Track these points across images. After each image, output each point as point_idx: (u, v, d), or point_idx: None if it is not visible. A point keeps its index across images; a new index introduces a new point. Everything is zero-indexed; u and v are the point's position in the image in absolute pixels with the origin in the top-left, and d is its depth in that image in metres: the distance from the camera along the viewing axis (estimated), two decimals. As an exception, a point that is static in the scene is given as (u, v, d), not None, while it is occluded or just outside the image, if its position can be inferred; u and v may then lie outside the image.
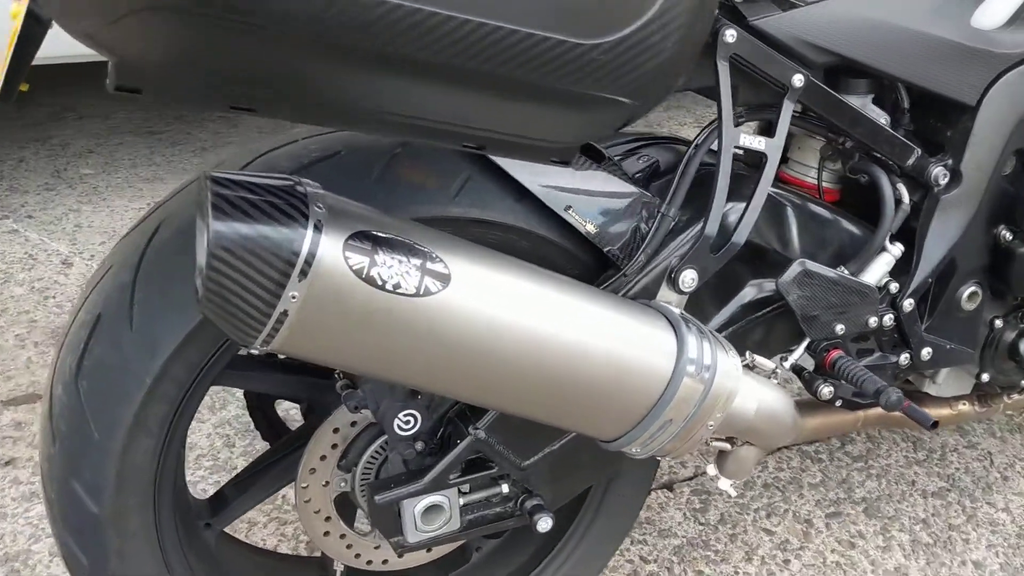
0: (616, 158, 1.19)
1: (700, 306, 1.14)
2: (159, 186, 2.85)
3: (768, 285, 1.16)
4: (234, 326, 0.79)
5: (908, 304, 1.21)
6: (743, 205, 1.06)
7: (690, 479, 1.74)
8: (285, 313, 0.78)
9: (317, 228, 0.77)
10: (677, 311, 0.99)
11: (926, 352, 1.26)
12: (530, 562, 1.32)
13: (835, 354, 1.18)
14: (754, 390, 1.03)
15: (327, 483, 1.13)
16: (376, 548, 1.19)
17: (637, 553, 1.58)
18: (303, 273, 0.77)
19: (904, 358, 1.25)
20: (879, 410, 1.38)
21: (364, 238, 0.79)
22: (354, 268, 0.78)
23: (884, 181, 1.17)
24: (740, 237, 1.05)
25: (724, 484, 1.25)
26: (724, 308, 1.16)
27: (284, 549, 1.52)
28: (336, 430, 1.10)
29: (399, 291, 0.80)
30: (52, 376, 1.02)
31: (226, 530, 1.21)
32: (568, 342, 0.89)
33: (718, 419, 0.98)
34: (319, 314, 0.79)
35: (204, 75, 0.71)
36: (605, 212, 1.09)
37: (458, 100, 0.75)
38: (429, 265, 0.82)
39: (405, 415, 1.05)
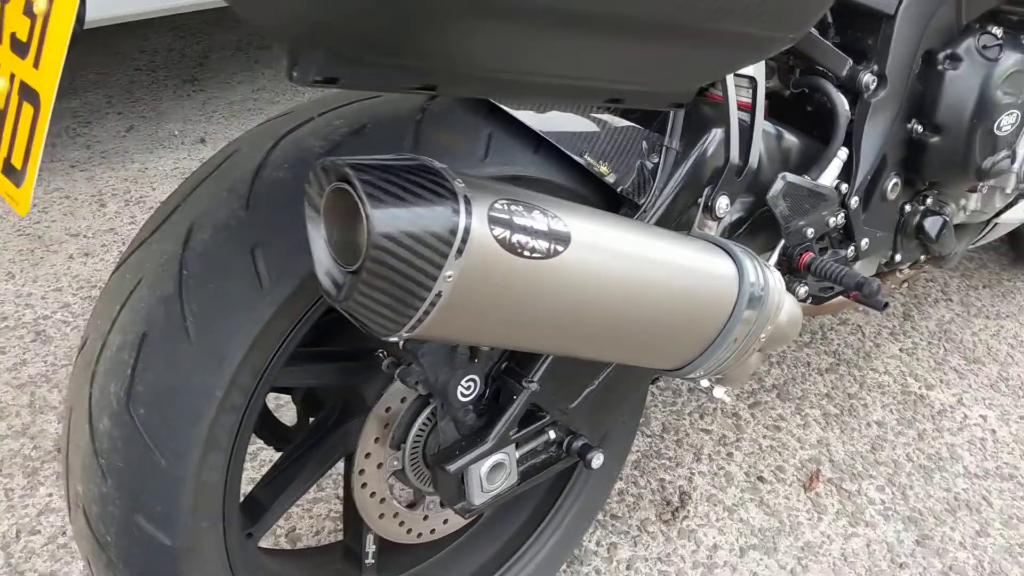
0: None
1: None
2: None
3: (742, 202, 1.24)
4: (382, 317, 0.75)
5: (854, 201, 1.34)
6: (747, 130, 1.12)
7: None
8: (439, 295, 0.75)
9: (467, 203, 0.75)
10: (726, 240, 1.05)
11: (864, 243, 1.40)
12: (542, 505, 1.35)
13: (808, 256, 1.28)
14: (787, 300, 1.10)
15: (380, 464, 1.09)
16: (424, 519, 1.18)
17: (603, 476, 1.65)
18: (459, 251, 0.74)
19: (851, 251, 1.38)
20: (827, 303, 1.54)
21: (501, 208, 0.78)
22: (498, 238, 0.77)
23: (832, 90, 1.28)
24: (754, 160, 1.11)
25: (719, 393, 1.33)
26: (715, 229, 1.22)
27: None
28: (388, 409, 1.07)
29: (534, 255, 0.80)
30: (88, 409, 0.92)
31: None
32: (660, 281, 0.92)
33: (768, 332, 1.05)
34: (469, 291, 0.77)
35: (397, 62, 0.66)
36: (614, 153, 1.11)
37: (622, 53, 0.75)
38: (552, 226, 0.81)
39: (467, 381, 1.04)
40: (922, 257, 1.59)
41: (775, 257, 1.28)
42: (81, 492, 0.93)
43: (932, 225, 1.49)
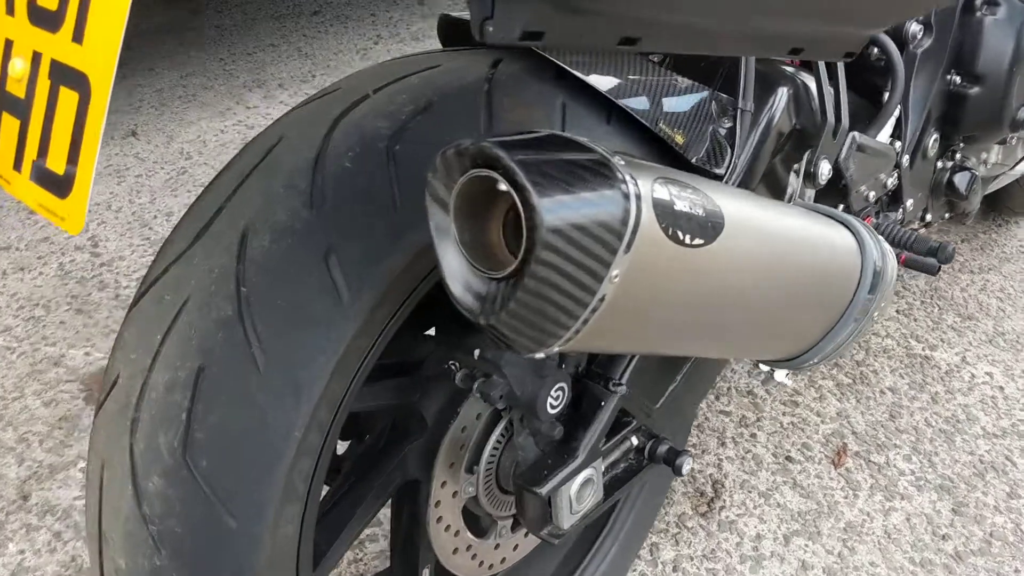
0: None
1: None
2: None
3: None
4: (537, 330, 0.61)
5: (906, 160, 1.25)
6: (831, 86, 1.01)
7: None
8: (602, 299, 0.62)
9: (636, 185, 0.61)
10: (846, 214, 0.93)
11: (910, 204, 1.32)
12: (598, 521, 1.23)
13: (871, 221, 1.19)
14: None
15: (455, 493, 0.95)
16: (496, 548, 1.04)
17: (631, 471, 1.54)
18: (628, 245, 0.61)
19: (899, 213, 1.30)
20: None
21: (661, 190, 0.64)
22: (663, 227, 0.64)
23: (887, 41, 1.18)
24: (845, 120, 1.00)
25: (780, 376, 1.23)
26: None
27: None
28: (463, 429, 0.93)
29: (695, 243, 0.67)
30: (131, 466, 0.75)
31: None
32: (798, 262, 0.80)
33: (882, 308, 0.95)
34: (632, 291, 0.63)
35: (605, 10, 0.52)
36: (685, 119, 0.99)
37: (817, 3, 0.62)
38: (707, 206, 0.69)
39: (556, 390, 0.90)
40: (947, 215, 1.53)
41: (838, 224, 1.18)
42: (124, 567, 0.76)
43: (961, 181, 1.43)
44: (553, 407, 0.91)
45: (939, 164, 1.42)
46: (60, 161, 0.59)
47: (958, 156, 1.44)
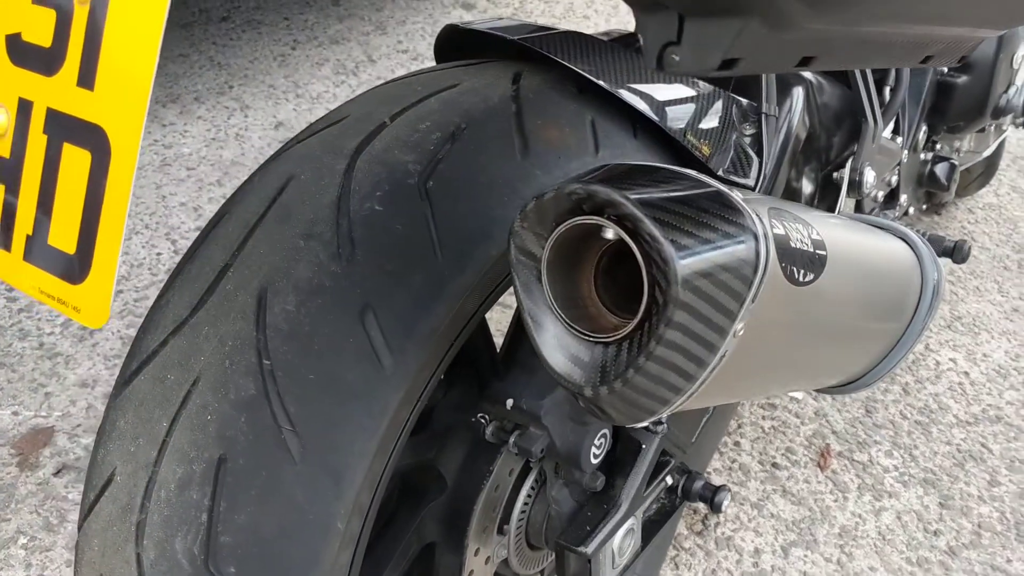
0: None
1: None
2: None
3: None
4: (653, 398, 0.52)
5: (905, 155, 1.20)
6: (861, 86, 0.94)
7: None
8: (723, 357, 0.53)
9: (766, 235, 0.52)
10: (903, 227, 0.87)
11: (904, 199, 1.27)
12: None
13: (880, 223, 1.13)
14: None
15: (488, 560, 0.85)
16: (532, 608, 0.95)
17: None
18: (756, 295, 0.52)
19: (897, 210, 1.25)
20: None
21: (777, 225, 0.56)
22: (783, 267, 0.55)
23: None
24: (881, 122, 0.94)
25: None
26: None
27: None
28: (497, 487, 0.83)
29: (807, 280, 0.59)
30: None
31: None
32: (880, 285, 0.73)
33: (935, 318, 0.89)
34: (751, 344, 0.55)
35: (799, 39, 0.43)
36: (708, 129, 0.91)
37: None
38: (813, 237, 0.61)
39: (599, 438, 0.81)
40: (924, 206, 1.50)
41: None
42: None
43: (942, 171, 1.39)
44: (596, 456, 0.82)
45: (922, 155, 1.38)
46: (69, 237, 0.47)
47: (938, 147, 1.40)
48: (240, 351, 0.63)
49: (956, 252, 1.10)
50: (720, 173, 0.91)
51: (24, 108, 0.47)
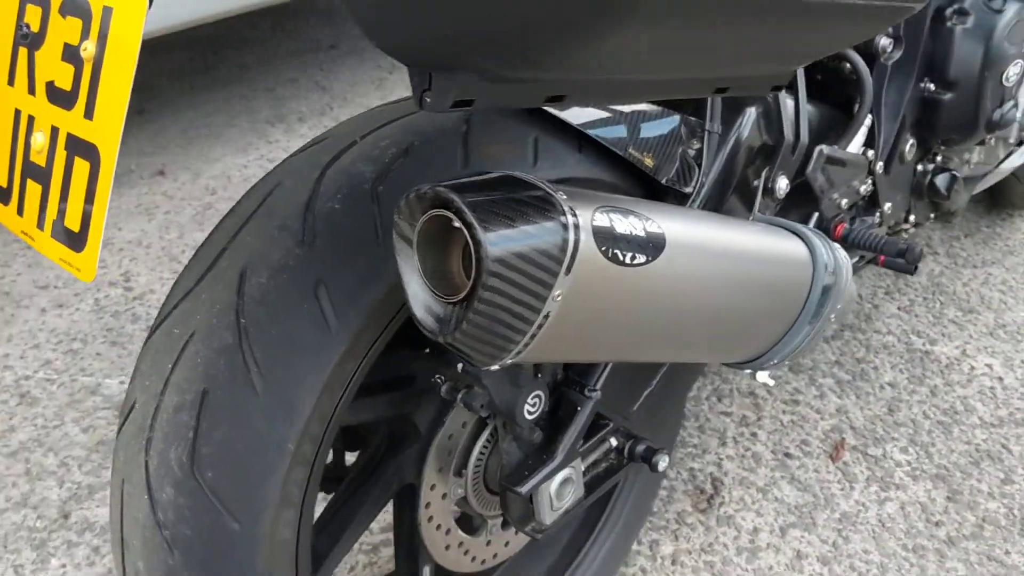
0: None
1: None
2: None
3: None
4: (490, 346, 0.70)
5: (880, 167, 1.31)
6: (791, 105, 1.08)
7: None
8: (547, 316, 0.70)
9: (574, 215, 0.69)
10: (795, 223, 1.01)
11: (888, 207, 1.38)
12: (591, 517, 1.31)
13: (843, 227, 1.26)
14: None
15: (445, 495, 1.04)
16: (488, 545, 1.13)
17: (633, 469, 1.62)
18: (568, 269, 0.69)
19: (876, 217, 1.36)
20: None
21: (602, 217, 0.73)
22: (602, 251, 0.72)
23: (855, 56, 1.24)
24: (804, 135, 1.07)
25: (763, 377, 1.30)
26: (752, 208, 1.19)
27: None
28: (450, 436, 1.02)
29: (635, 262, 0.75)
30: (146, 479, 0.84)
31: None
32: (746, 273, 0.88)
33: (838, 311, 1.02)
34: (575, 308, 0.72)
35: (532, 76, 0.60)
36: (655, 143, 1.07)
37: (746, 37, 0.69)
38: (648, 228, 0.77)
39: (532, 398, 0.99)
40: (932, 215, 1.58)
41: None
42: (143, 568, 0.86)
43: (943, 182, 1.48)
44: (531, 413, 0.99)
45: (919, 167, 1.48)
46: (76, 220, 0.68)
47: (939, 159, 1.50)
48: (224, 312, 0.83)
49: (908, 253, 1.21)
50: (664, 182, 1.07)
51: (54, 133, 0.70)
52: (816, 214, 1.24)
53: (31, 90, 0.71)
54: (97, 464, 1.59)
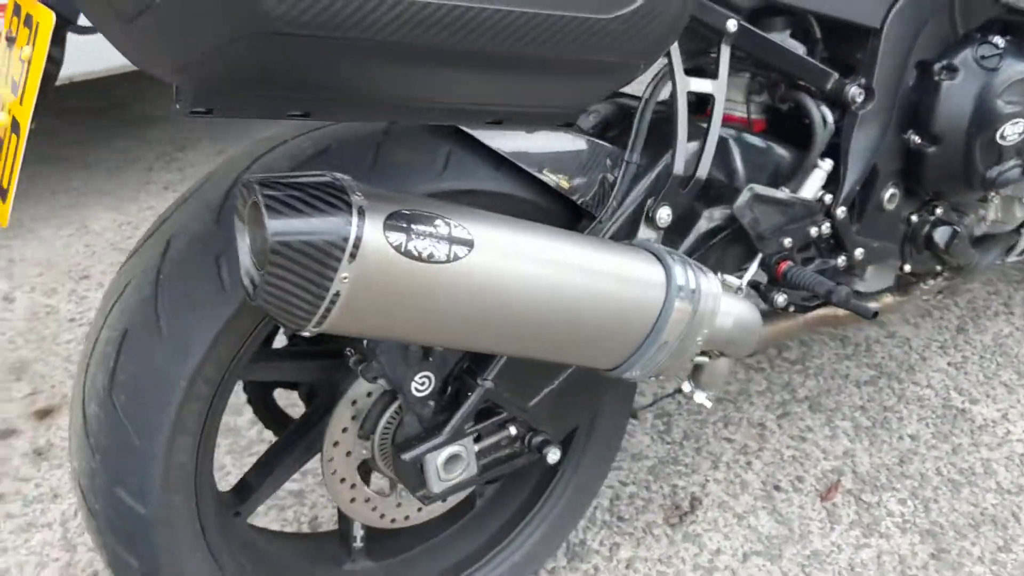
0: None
1: (667, 240, 1.26)
2: (83, 211, 2.76)
3: (719, 213, 1.28)
4: (290, 312, 0.85)
5: (841, 212, 1.35)
6: (699, 143, 1.17)
7: (650, 405, 1.88)
8: (337, 294, 0.85)
9: (360, 214, 0.84)
10: (659, 246, 1.10)
11: (859, 252, 1.41)
12: (529, 500, 1.42)
13: (785, 265, 1.31)
14: (731, 305, 1.15)
15: (349, 453, 1.20)
16: (398, 506, 1.27)
17: (615, 478, 1.71)
18: (352, 256, 0.84)
19: (841, 260, 1.40)
20: (818, 312, 1.55)
21: (399, 217, 0.87)
22: (394, 245, 0.86)
23: (811, 105, 1.30)
24: (703, 172, 1.16)
25: (700, 397, 1.38)
26: (686, 239, 1.27)
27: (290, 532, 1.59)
28: (354, 402, 1.18)
29: (433, 260, 0.88)
30: (82, 396, 1.06)
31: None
32: (576, 286, 0.98)
33: (705, 335, 1.10)
34: (367, 291, 0.86)
35: (271, 91, 0.77)
36: (574, 167, 1.18)
37: (487, 81, 0.83)
38: (455, 233, 0.90)
39: (420, 377, 1.13)
40: (938, 268, 1.58)
41: (755, 267, 1.32)
42: (76, 467, 1.07)
43: (941, 236, 1.49)
44: (419, 391, 1.13)
45: (914, 218, 1.49)
46: (6, 180, 0.91)
47: (939, 211, 1.50)
48: (150, 269, 1.04)
49: (834, 293, 1.24)
50: (580, 203, 1.18)
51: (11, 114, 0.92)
52: (760, 256, 1.30)
53: (6, 81, 0.94)
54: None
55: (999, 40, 1.38)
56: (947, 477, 1.73)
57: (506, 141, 1.14)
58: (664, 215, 1.14)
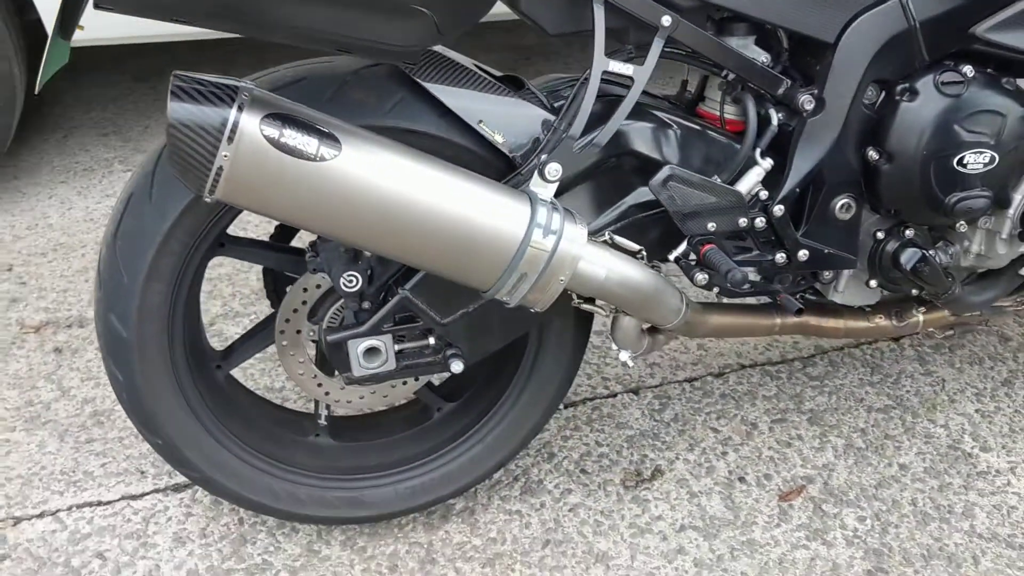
0: (541, 91, 1.48)
1: (600, 207, 1.44)
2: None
3: (645, 190, 1.43)
4: (188, 178, 1.15)
5: (778, 210, 1.46)
6: (613, 117, 1.34)
7: (656, 386, 2.01)
8: (221, 168, 1.13)
9: (240, 108, 1.12)
10: (536, 191, 1.29)
11: (803, 254, 1.50)
12: (477, 418, 1.63)
13: (708, 247, 1.44)
14: (603, 258, 1.31)
15: (299, 331, 1.48)
16: (342, 389, 1.54)
17: (593, 438, 1.87)
18: (230, 139, 1.11)
19: (780, 257, 1.49)
20: (797, 319, 1.65)
21: (277, 117, 1.14)
22: (267, 136, 1.13)
23: (749, 104, 1.43)
24: (600, 139, 1.33)
25: (624, 356, 1.53)
26: (613, 207, 1.44)
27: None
28: (305, 289, 1.45)
29: (302, 155, 1.14)
30: (104, 241, 1.41)
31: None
32: (432, 203, 1.21)
33: (567, 275, 1.27)
34: (246, 171, 1.13)
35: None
36: (512, 127, 1.39)
37: (331, 15, 1.09)
38: (326, 139, 1.15)
39: (348, 275, 1.38)
40: (914, 292, 1.62)
41: (683, 246, 1.45)
42: (94, 296, 1.43)
43: (908, 257, 1.53)
44: (347, 287, 1.39)
45: (880, 235, 1.55)
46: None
47: (909, 233, 1.54)
48: (156, 152, 1.37)
49: (729, 275, 1.35)
50: (510, 155, 1.39)
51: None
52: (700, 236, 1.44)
53: None
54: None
55: (968, 69, 1.42)
56: (920, 508, 1.73)
57: (454, 96, 1.37)
58: (553, 170, 1.31)
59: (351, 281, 1.39)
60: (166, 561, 1.61)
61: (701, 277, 1.46)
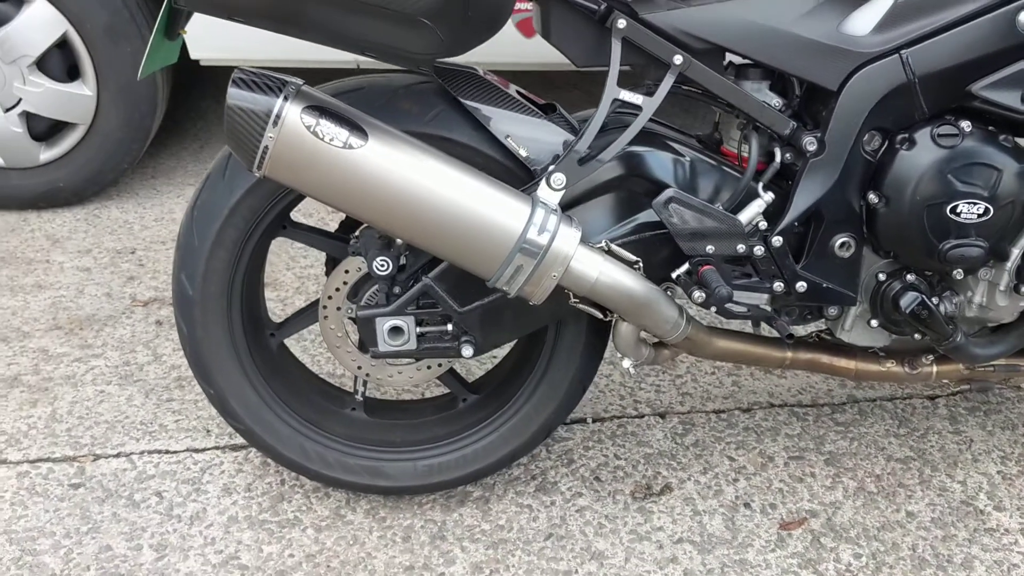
0: (575, 118, 1.66)
1: (613, 222, 1.60)
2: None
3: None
4: (241, 154, 1.38)
5: (777, 240, 1.57)
6: (622, 139, 1.50)
7: (684, 413, 2.11)
8: (267, 148, 1.35)
9: (286, 98, 1.34)
10: (538, 195, 1.46)
11: (801, 285, 1.60)
12: (495, 409, 1.79)
13: (706, 268, 1.57)
14: (594, 260, 1.46)
15: (339, 308, 1.69)
16: (372, 365, 1.73)
17: (613, 451, 1.99)
18: (275, 123, 1.34)
19: (778, 286, 1.60)
20: (807, 354, 1.75)
21: (316, 109, 1.36)
22: (305, 124, 1.35)
23: (753, 142, 1.56)
24: (605, 156, 1.49)
25: (626, 363, 1.66)
26: (624, 223, 1.59)
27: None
28: (347, 271, 1.67)
29: (332, 143, 1.36)
30: (186, 207, 1.67)
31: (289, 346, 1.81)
32: (443, 194, 1.40)
33: (560, 272, 1.43)
34: (287, 152, 1.36)
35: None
36: (536, 143, 1.57)
37: (350, 20, 1.31)
38: (356, 131, 1.37)
39: (380, 260, 1.59)
40: (917, 336, 1.68)
41: (686, 265, 1.59)
42: (174, 255, 1.68)
43: (907, 300, 1.60)
44: (380, 271, 1.59)
45: (881, 276, 1.63)
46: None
47: (910, 277, 1.62)
48: (222, 161, 1.62)
49: (715, 291, 1.47)
50: (531, 168, 1.56)
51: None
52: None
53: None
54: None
55: (965, 124, 1.51)
56: (918, 554, 1.77)
57: (487, 112, 1.57)
58: (557, 179, 1.48)
59: (383, 265, 1.59)
60: (212, 506, 1.83)
61: (698, 295, 1.59)
